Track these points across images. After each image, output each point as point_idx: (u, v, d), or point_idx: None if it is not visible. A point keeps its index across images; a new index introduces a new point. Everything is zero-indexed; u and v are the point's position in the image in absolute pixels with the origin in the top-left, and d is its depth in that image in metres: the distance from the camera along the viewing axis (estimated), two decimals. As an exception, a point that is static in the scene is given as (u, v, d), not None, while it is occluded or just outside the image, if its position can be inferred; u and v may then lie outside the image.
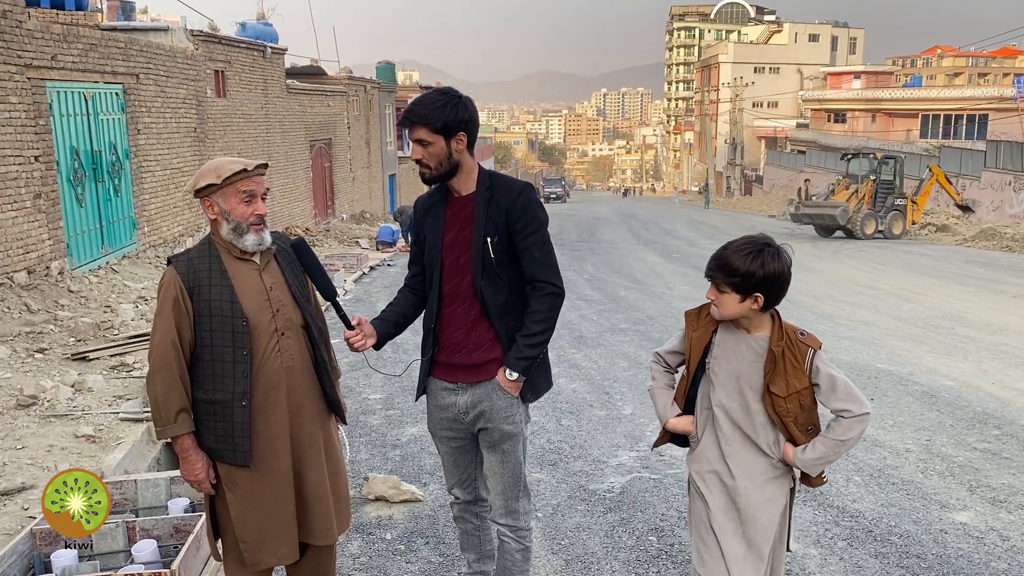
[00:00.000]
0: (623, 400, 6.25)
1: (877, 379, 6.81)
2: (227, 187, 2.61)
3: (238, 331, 2.60)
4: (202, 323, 2.60)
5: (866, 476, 4.64)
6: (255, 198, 2.64)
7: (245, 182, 2.62)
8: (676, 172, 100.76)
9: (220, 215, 2.63)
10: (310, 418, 2.76)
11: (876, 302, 11.04)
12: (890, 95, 53.48)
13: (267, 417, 2.66)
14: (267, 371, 2.65)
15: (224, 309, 2.60)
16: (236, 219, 2.62)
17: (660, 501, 4.32)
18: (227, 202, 2.62)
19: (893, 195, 23.25)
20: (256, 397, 2.64)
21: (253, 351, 2.62)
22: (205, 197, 2.64)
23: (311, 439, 2.76)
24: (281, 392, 2.68)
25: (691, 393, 2.61)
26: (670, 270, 14.93)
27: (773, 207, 41.61)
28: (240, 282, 2.65)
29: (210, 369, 2.62)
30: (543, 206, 2.77)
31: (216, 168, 2.62)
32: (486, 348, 2.77)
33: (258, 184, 2.66)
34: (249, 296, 2.64)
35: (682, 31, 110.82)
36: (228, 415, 2.61)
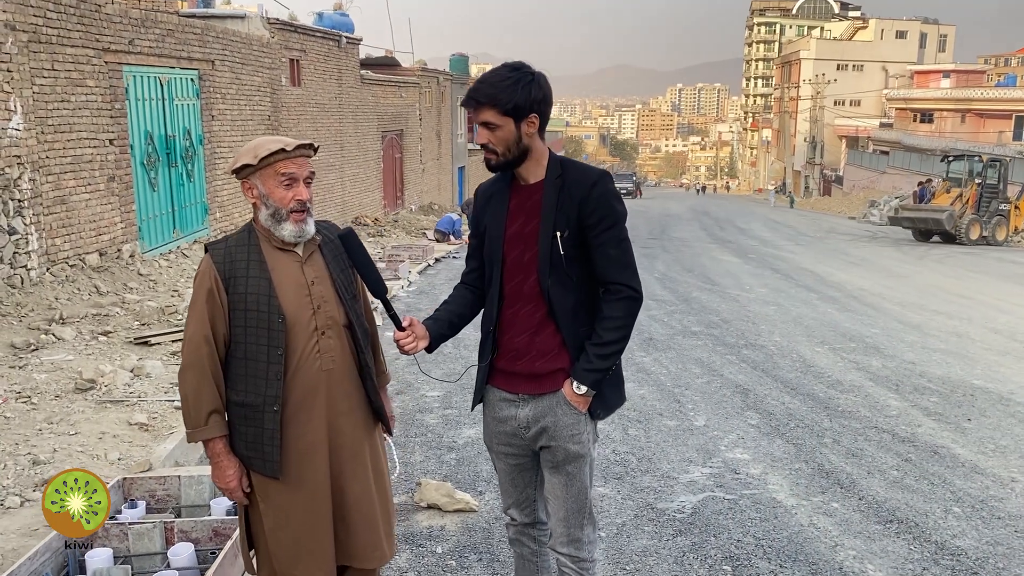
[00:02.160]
0: (695, 410, 5.87)
1: (973, 397, 6.27)
2: (265, 168, 2.37)
3: (274, 328, 2.36)
4: (237, 318, 2.38)
5: (967, 508, 4.19)
6: (296, 182, 2.40)
7: (285, 163, 2.37)
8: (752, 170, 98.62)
9: (259, 199, 2.40)
10: (352, 427, 2.51)
11: (968, 312, 10.35)
12: (982, 95, 51.12)
13: (303, 425, 2.41)
14: (304, 374, 2.40)
15: (260, 303, 2.36)
16: (275, 204, 2.38)
17: (735, 525, 3.95)
18: (265, 185, 2.38)
19: (997, 199, 22.05)
20: (291, 402, 2.39)
21: (289, 351, 2.38)
22: (244, 179, 2.41)
23: (353, 451, 2.50)
24: (319, 397, 2.43)
25: None
26: (746, 271, 14.37)
27: (853, 208, 40.19)
28: (279, 274, 2.41)
29: (243, 369, 2.38)
30: (621, 198, 2.45)
31: (255, 147, 2.38)
32: (551, 356, 2.47)
33: (300, 166, 2.41)
34: (288, 290, 2.40)
35: (762, 26, 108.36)
36: (259, 420, 2.38)
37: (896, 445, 5.14)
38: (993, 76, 65.24)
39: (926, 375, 6.94)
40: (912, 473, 4.65)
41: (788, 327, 9.03)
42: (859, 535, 3.84)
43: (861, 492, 4.36)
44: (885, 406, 6.01)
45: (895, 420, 5.67)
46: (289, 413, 2.39)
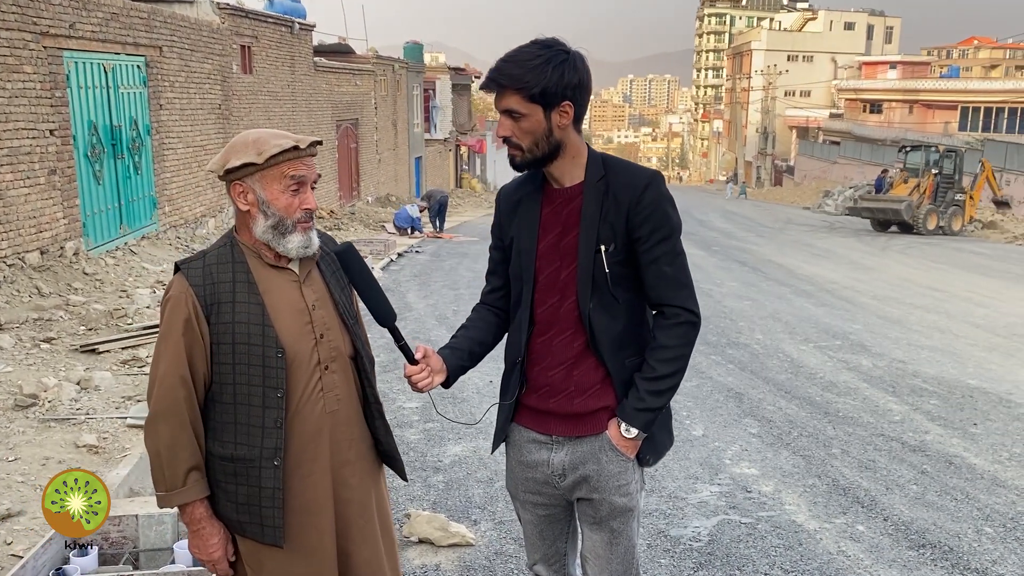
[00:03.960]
0: (691, 417, 5.54)
1: (973, 398, 6.06)
2: (270, 169, 1.92)
3: (271, 365, 1.92)
4: (222, 353, 1.93)
5: (998, 527, 3.91)
6: (305, 186, 1.96)
7: (295, 164, 1.93)
8: (703, 161, 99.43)
9: (256, 206, 1.94)
10: (359, 478, 2.09)
11: (945, 305, 10.23)
12: (930, 86, 52.07)
13: (303, 478, 1.99)
14: (306, 417, 1.98)
15: (253, 335, 1.92)
16: (279, 213, 1.93)
17: (759, 555, 3.61)
18: (268, 190, 1.93)
19: (953, 190, 22.26)
20: (291, 452, 1.96)
21: (290, 392, 1.94)
22: (238, 181, 1.94)
23: (361, 506, 2.08)
24: (323, 444, 2.01)
25: None
26: (713, 264, 14.16)
27: (805, 199, 40.53)
28: (274, 298, 1.97)
29: (231, 415, 1.94)
30: (675, 204, 2.06)
31: (256, 143, 1.92)
32: (593, 393, 2.07)
33: (310, 168, 1.97)
34: (286, 318, 1.96)
35: (713, 18, 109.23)
36: (255, 477, 1.94)
37: (908, 455, 4.87)
38: (937, 68, 66.49)
39: (920, 375, 6.72)
40: (932, 488, 4.38)
41: (768, 323, 8.78)
42: (894, 564, 3.53)
43: (884, 511, 4.06)
44: (887, 410, 5.75)
45: (900, 426, 5.40)
46: (289, 466, 1.96)
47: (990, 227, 24.05)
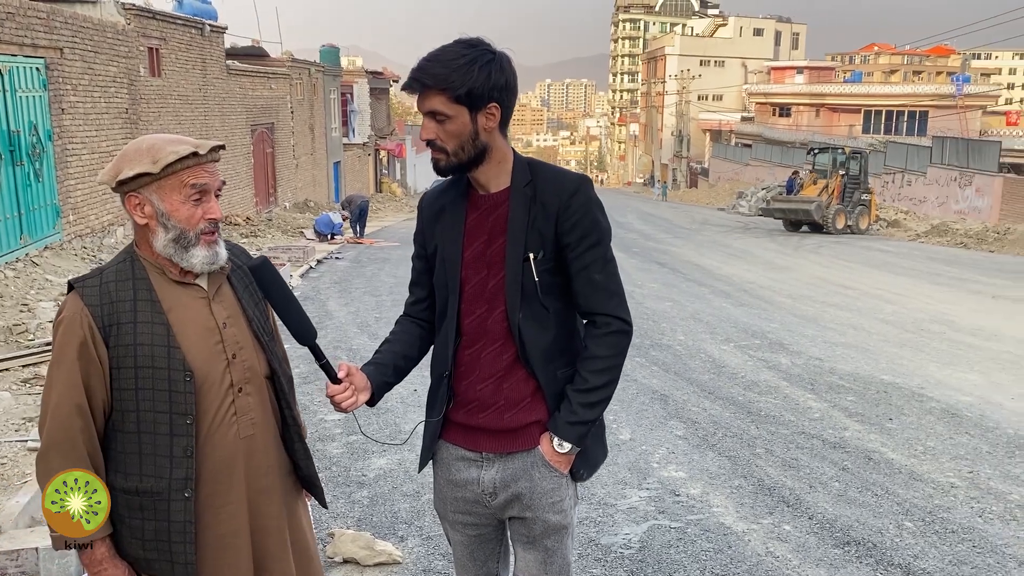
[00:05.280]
0: (617, 421, 5.53)
1: (887, 394, 6.23)
2: (168, 178, 1.77)
3: (178, 389, 1.77)
4: (123, 378, 1.77)
5: (918, 521, 4.00)
6: (208, 195, 1.82)
7: (195, 171, 1.79)
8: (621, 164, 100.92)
9: (155, 219, 1.79)
10: (278, 506, 1.96)
11: (856, 303, 10.56)
12: (835, 90, 54.07)
13: (217, 510, 1.85)
14: (217, 444, 1.84)
15: (157, 358, 1.77)
16: (180, 225, 1.78)
17: (689, 559, 3.60)
18: (166, 200, 1.77)
19: (859, 190, 23.11)
20: (202, 483, 1.82)
21: (200, 418, 1.80)
22: (132, 192, 1.79)
23: (279, 535, 1.95)
24: (237, 473, 1.87)
25: None
26: (633, 266, 14.31)
27: (720, 200, 41.53)
28: (180, 317, 1.82)
29: (135, 445, 1.79)
30: (604, 209, 2.00)
31: (151, 150, 1.76)
32: (524, 407, 2.00)
33: (212, 175, 1.83)
34: (194, 337, 1.82)
35: (627, 23, 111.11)
36: (163, 511, 1.79)
37: (829, 452, 4.96)
38: (841, 73, 69.05)
39: (836, 372, 6.88)
40: (854, 484, 4.46)
41: (689, 324, 8.90)
42: (821, 562, 3.57)
43: (809, 510, 4.11)
44: (806, 408, 5.86)
45: (820, 423, 5.51)
46: (201, 498, 1.82)
47: (894, 225, 25.09)
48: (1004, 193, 26.25)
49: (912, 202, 30.56)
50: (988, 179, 26.97)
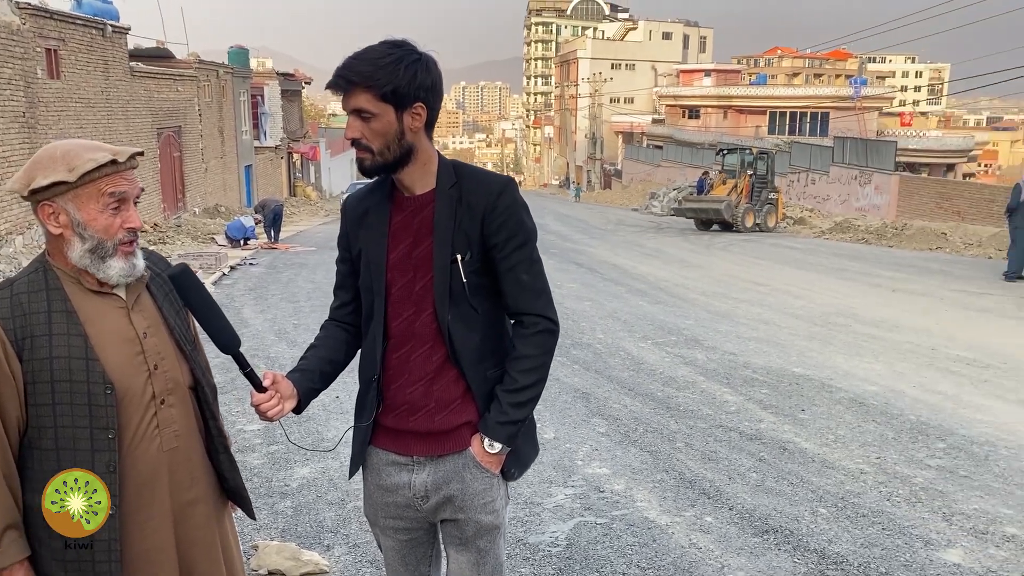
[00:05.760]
0: (541, 420, 5.56)
1: (799, 386, 6.46)
2: (85, 187, 1.70)
3: (97, 403, 1.70)
4: (39, 394, 1.69)
5: (831, 507, 4.16)
6: (126, 203, 1.76)
7: (113, 179, 1.72)
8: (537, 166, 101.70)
9: (70, 228, 1.71)
10: (203, 519, 1.90)
11: (766, 299, 10.91)
12: (741, 93, 55.74)
13: (141, 525, 1.78)
14: (140, 458, 1.77)
15: (75, 371, 1.70)
16: (97, 235, 1.71)
17: (616, 554, 3.66)
18: (83, 210, 1.70)
19: (766, 189, 23.85)
20: (126, 498, 1.75)
21: (122, 432, 1.74)
22: (46, 201, 1.71)
23: (206, 548, 1.90)
24: (161, 486, 1.81)
25: None
26: (552, 266, 14.43)
27: (633, 200, 42.30)
28: (98, 328, 1.75)
29: (53, 463, 1.71)
30: (529, 210, 2.02)
31: (66, 157, 1.69)
32: (454, 409, 1.99)
33: (131, 183, 1.77)
34: (113, 349, 1.75)
35: (540, 26, 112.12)
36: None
37: (746, 444, 5.11)
38: (747, 75, 71.25)
39: (750, 365, 7.09)
40: (770, 474, 4.60)
41: (608, 323, 9.03)
42: (742, 551, 3.67)
43: (729, 501, 4.23)
44: (723, 402, 6.02)
45: (737, 416, 5.67)
46: (123, 513, 1.75)
47: (800, 223, 26.01)
48: (900, 191, 27.54)
49: (816, 200, 31.77)
50: (886, 177, 28.26)
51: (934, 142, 44.19)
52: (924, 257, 16.56)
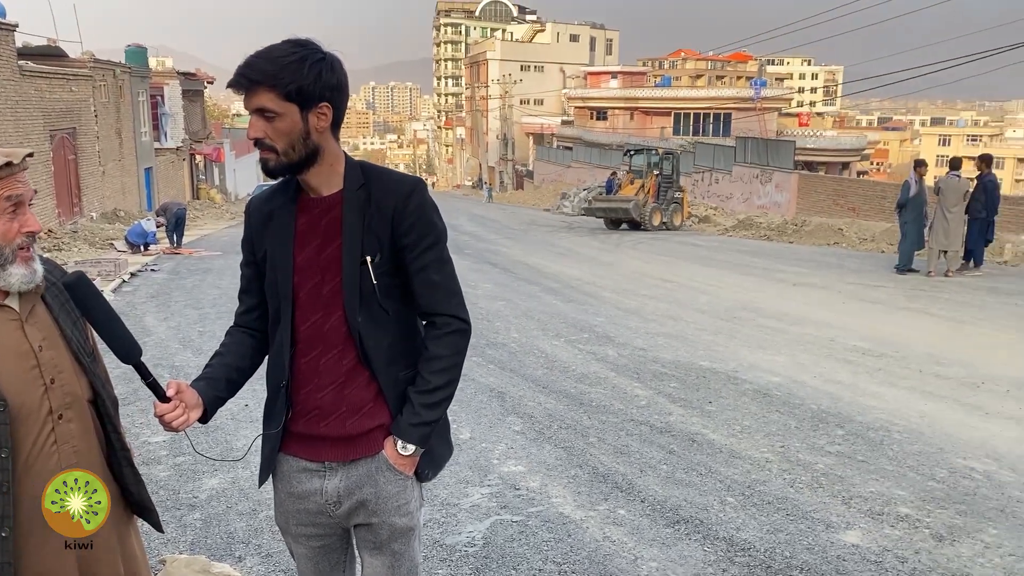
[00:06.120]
0: (457, 421, 5.56)
1: (707, 379, 6.65)
2: None
3: None
4: None
5: (738, 496, 4.30)
6: (22, 206, 1.69)
7: (8, 183, 1.66)
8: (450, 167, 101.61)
9: None
10: (106, 535, 1.84)
11: (674, 295, 11.18)
12: (647, 94, 56.91)
13: (39, 547, 1.71)
14: (37, 476, 1.71)
15: None
16: None
17: (531, 551, 3.69)
18: None
19: (672, 188, 24.44)
20: (21, 519, 1.68)
21: (16, 450, 1.66)
22: None
23: (110, 567, 1.83)
24: None
25: None
26: (467, 267, 14.43)
27: (545, 201, 42.70)
28: None
29: None
30: (439, 211, 2.02)
31: None
32: (366, 412, 1.98)
33: (25, 185, 1.70)
34: (6, 363, 1.68)
35: (449, 27, 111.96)
36: None
37: (656, 437, 5.23)
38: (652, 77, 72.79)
39: (659, 360, 7.26)
40: (680, 465, 4.73)
41: (522, 322, 9.10)
42: (654, 542, 3.76)
43: (641, 493, 4.32)
44: (634, 396, 6.15)
45: (647, 410, 5.80)
46: (19, 535, 1.67)
47: (705, 221, 26.75)
48: (799, 188, 28.63)
49: (720, 199, 32.73)
50: (785, 176, 29.32)
51: (830, 142, 46.17)
52: (822, 252, 17.27)
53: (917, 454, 4.91)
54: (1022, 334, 8.42)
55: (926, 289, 11.43)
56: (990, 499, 4.27)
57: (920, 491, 4.36)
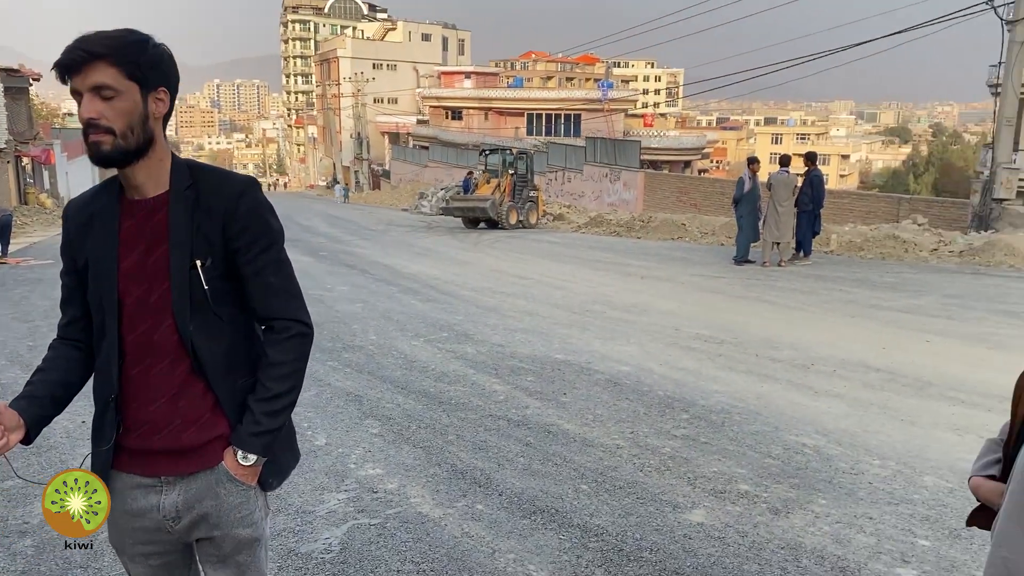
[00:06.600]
0: (312, 428, 5.45)
1: (561, 371, 6.81)
2: None
3: None
4: None
5: (592, 483, 4.43)
6: None
7: None
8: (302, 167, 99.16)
9: None
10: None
11: (530, 291, 11.38)
12: (500, 95, 57.61)
13: None
14: None
15: None
16: None
17: (390, 553, 3.67)
18: None
19: (527, 187, 24.82)
20: None
21: None
22: None
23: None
24: None
25: (1014, 453, 1.87)
26: (322, 270, 14.14)
27: (402, 201, 42.43)
28: None
29: None
30: (274, 211, 1.97)
31: None
32: (203, 423, 1.91)
33: None
34: None
35: (297, 24, 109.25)
36: None
37: (513, 430, 5.31)
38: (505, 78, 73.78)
39: (516, 355, 7.38)
40: (536, 457, 4.82)
41: (380, 323, 9.00)
42: (511, 534, 3.82)
43: (499, 487, 4.38)
44: (492, 392, 6.22)
45: (505, 405, 5.88)
46: None
47: (559, 219, 27.35)
48: (646, 186, 29.81)
49: (573, 197, 33.61)
50: (633, 174, 30.44)
51: (673, 141, 48.33)
52: (668, 246, 18.04)
53: (755, 433, 5.23)
54: (846, 317, 9.12)
55: (761, 278, 12.18)
56: (819, 472, 4.60)
57: (758, 468, 4.64)
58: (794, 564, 3.53)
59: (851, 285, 11.43)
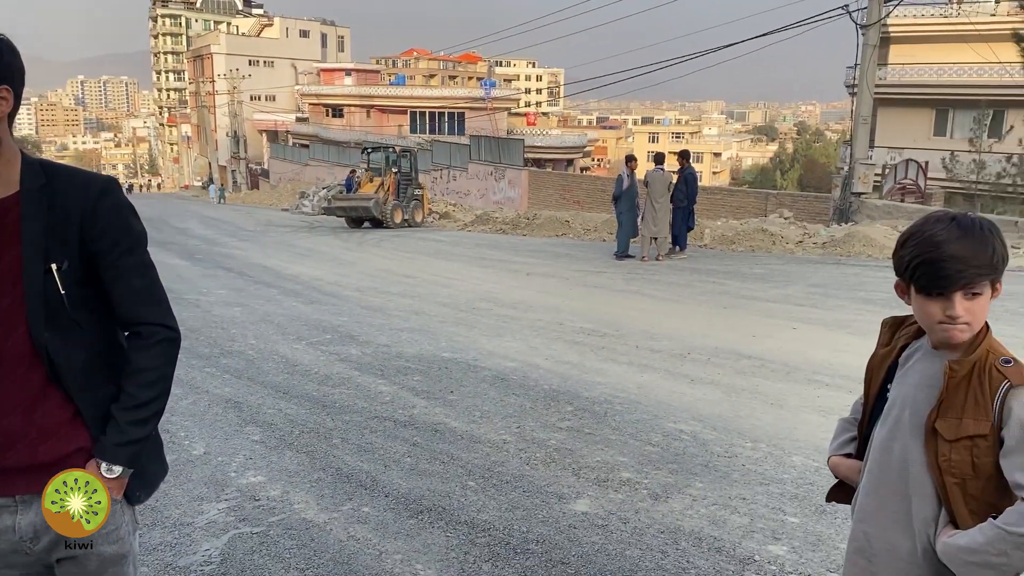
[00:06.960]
0: (189, 437, 5.25)
1: (448, 369, 6.81)
2: None
3: None
4: None
5: (479, 479, 4.46)
6: None
7: None
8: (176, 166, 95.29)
9: None
10: None
11: (416, 290, 11.32)
12: (382, 92, 57.04)
13: None
14: None
15: None
16: None
17: (273, 561, 3.58)
18: None
19: (412, 186, 24.67)
20: None
21: None
22: None
23: None
24: None
25: (868, 431, 1.91)
26: (198, 273, 13.63)
27: (283, 200, 41.43)
28: None
29: None
30: (136, 212, 1.90)
31: None
32: (61, 437, 1.81)
33: None
34: None
35: (167, 18, 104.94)
36: None
37: (400, 431, 5.28)
38: (386, 76, 73.05)
39: (403, 355, 7.33)
40: (423, 456, 4.81)
41: (260, 327, 8.76)
42: (399, 535, 3.80)
43: (385, 488, 4.35)
44: (378, 393, 6.16)
45: (391, 406, 5.83)
46: None
47: (446, 217, 27.35)
48: (530, 184, 30.16)
49: (459, 195, 33.65)
50: (517, 172, 30.74)
51: (555, 140, 49.11)
52: (552, 243, 18.33)
53: (636, 422, 5.39)
54: (720, 308, 9.51)
55: (641, 272, 12.55)
56: (696, 457, 4.79)
57: (639, 456, 4.79)
58: (674, 547, 3.66)
59: (724, 277, 11.93)
